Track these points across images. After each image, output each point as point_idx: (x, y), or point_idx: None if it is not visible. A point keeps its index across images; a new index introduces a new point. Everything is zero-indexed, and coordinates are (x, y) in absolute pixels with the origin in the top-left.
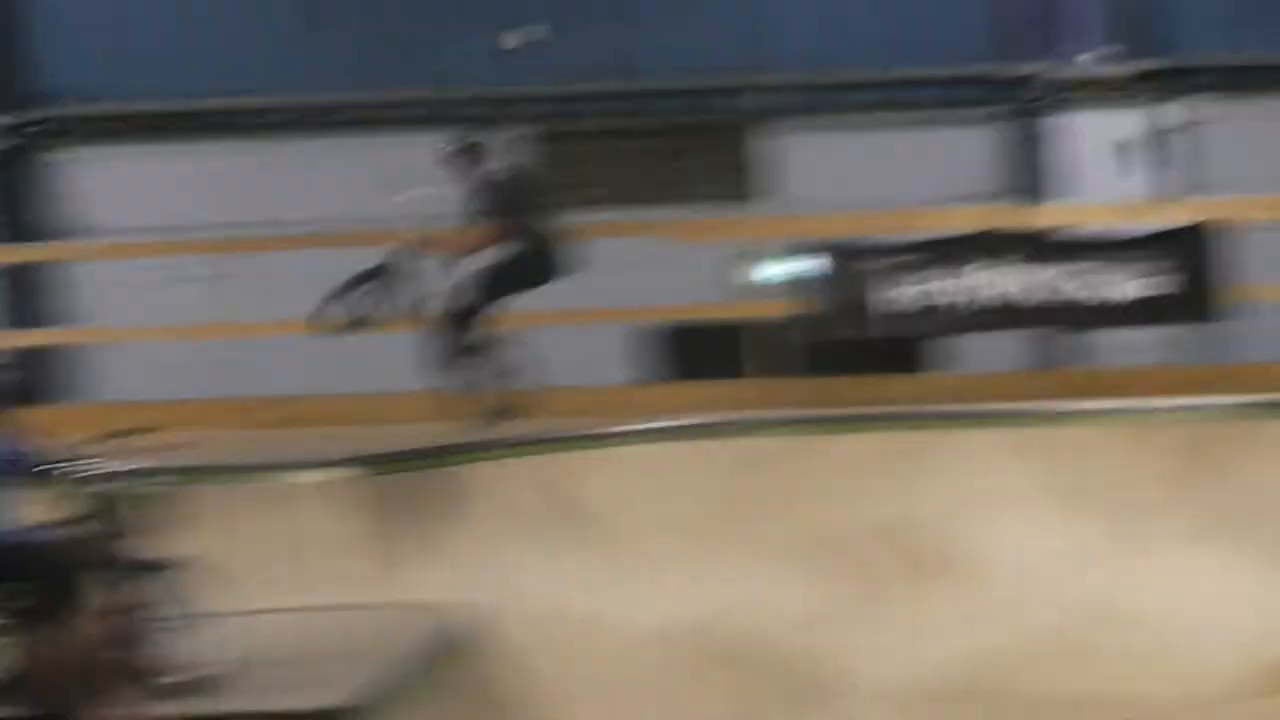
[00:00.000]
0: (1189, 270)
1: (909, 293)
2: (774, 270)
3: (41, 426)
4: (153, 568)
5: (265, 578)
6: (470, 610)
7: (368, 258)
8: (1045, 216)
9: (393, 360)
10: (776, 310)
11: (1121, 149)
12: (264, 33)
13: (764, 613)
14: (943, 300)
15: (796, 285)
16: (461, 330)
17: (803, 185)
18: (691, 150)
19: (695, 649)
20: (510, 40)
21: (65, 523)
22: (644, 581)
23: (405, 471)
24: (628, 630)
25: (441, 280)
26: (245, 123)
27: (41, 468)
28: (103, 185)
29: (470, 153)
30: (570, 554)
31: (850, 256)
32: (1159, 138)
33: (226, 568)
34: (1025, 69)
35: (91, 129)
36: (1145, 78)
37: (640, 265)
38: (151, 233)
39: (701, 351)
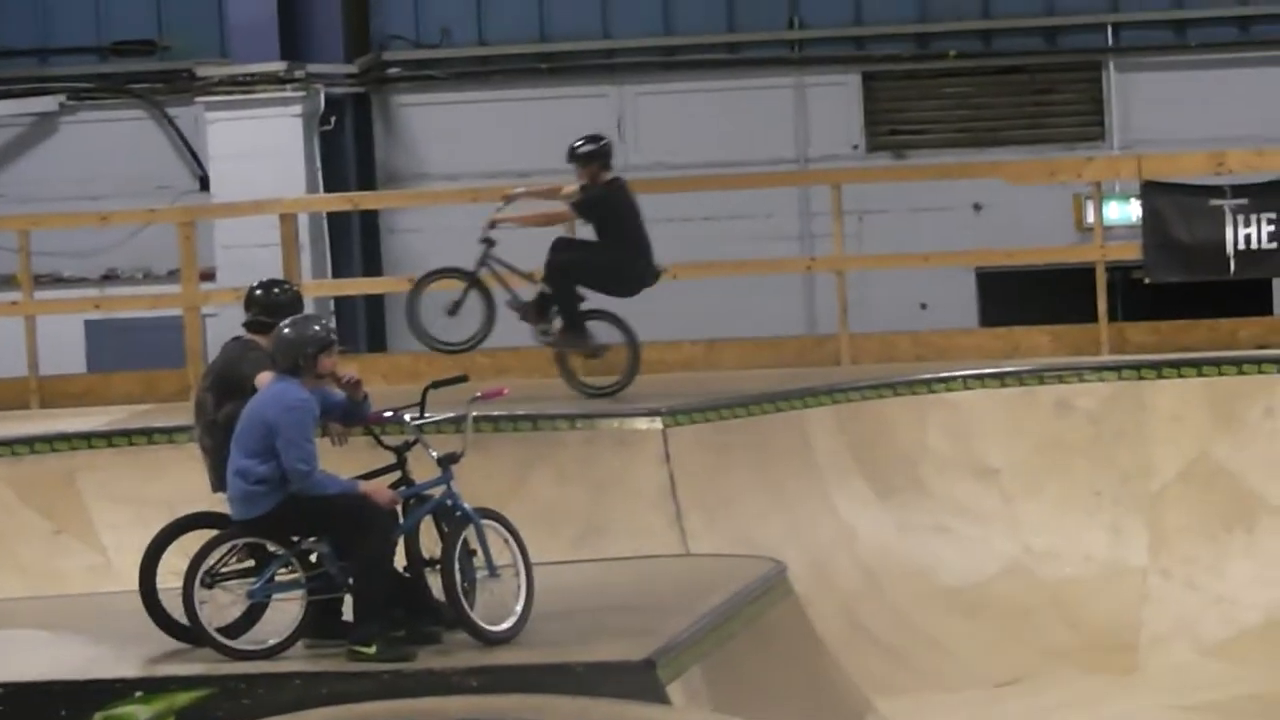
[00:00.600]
0: None
1: (1265, 232)
2: (1121, 211)
3: (366, 375)
4: (465, 517)
5: (580, 526)
6: (796, 556)
7: (712, 202)
8: None
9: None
10: (1123, 253)
11: None
12: None
13: (1084, 560)
14: None
15: (1144, 226)
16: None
17: (1154, 123)
18: (1045, 88)
19: (1010, 596)
20: None
21: (377, 474)
22: (963, 527)
23: (718, 419)
24: (946, 576)
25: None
26: (596, 65)
27: (365, 417)
28: (445, 130)
29: (600, 156)
30: (890, 500)
31: (1202, 195)
32: None
33: (541, 516)
34: None
35: (436, 73)
36: None
37: (985, 206)
38: (498, 178)
39: (1044, 295)
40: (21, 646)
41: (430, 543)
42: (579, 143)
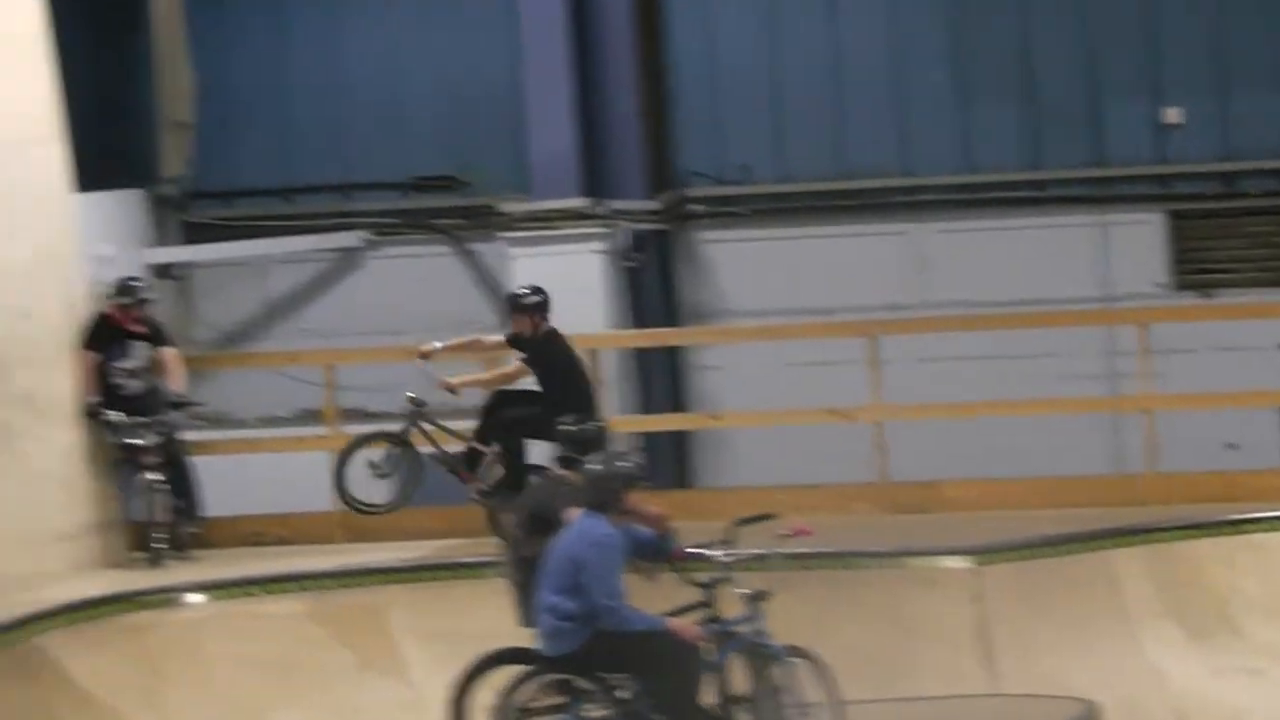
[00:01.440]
0: None
1: None
2: None
3: (672, 512)
4: (775, 654)
5: (887, 666)
6: (1105, 698)
7: (1015, 340)
8: None
9: (1034, 446)
10: None
11: None
12: (915, 110)
13: None
14: None
15: None
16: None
17: None
18: None
19: None
20: (1172, 115)
21: (684, 611)
22: (1276, 671)
23: (1029, 559)
24: None
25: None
26: (896, 202)
27: (671, 554)
28: (747, 267)
29: (542, 307)
30: (1201, 642)
31: None
32: None
33: (847, 655)
34: None
35: (737, 210)
36: None
37: None
38: (799, 314)
39: None
40: None
41: (739, 680)
42: (524, 292)
